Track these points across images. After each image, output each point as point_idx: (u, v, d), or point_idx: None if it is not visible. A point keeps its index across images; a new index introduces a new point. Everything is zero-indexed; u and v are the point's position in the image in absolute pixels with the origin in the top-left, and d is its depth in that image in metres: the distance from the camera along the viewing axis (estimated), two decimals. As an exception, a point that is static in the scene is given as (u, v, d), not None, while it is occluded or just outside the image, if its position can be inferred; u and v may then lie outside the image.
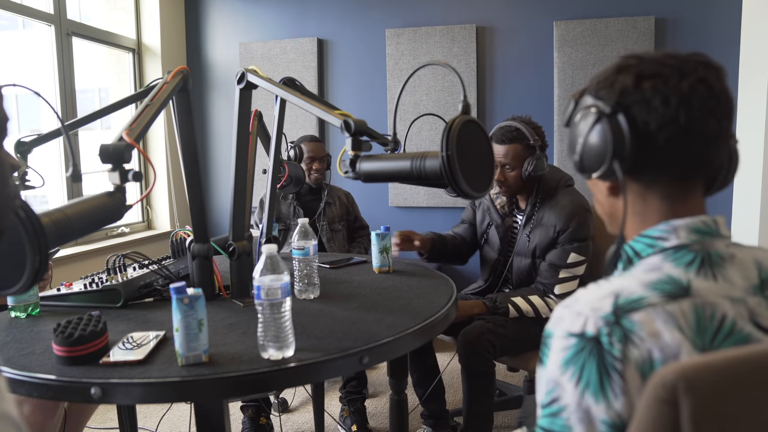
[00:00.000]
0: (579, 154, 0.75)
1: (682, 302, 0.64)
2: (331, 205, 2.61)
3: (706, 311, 0.64)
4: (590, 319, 0.64)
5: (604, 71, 0.74)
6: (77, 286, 1.45)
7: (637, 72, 0.70)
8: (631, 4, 3.26)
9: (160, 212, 3.75)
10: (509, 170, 1.93)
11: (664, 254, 0.70)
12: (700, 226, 0.71)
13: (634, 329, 0.62)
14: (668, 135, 0.68)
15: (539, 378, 0.69)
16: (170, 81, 1.34)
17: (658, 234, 0.71)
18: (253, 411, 2.25)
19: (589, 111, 0.72)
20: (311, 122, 3.70)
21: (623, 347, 0.61)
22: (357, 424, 2.30)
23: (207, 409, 1.02)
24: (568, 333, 0.65)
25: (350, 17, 3.66)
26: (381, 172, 1.12)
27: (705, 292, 0.65)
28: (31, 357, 1.06)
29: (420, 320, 1.22)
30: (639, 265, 0.71)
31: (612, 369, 0.61)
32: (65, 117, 2.96)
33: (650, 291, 0.65)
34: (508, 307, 1.88)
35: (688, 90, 0.67)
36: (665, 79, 0.68)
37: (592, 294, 0.67)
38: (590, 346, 0.63)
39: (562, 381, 0.64)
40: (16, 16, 2.78)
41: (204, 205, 1.46)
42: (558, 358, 0.65)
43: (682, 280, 0.66)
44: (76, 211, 0.96)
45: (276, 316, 0.99)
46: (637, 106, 0.69)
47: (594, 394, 0.61)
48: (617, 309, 0.64)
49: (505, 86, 3.48)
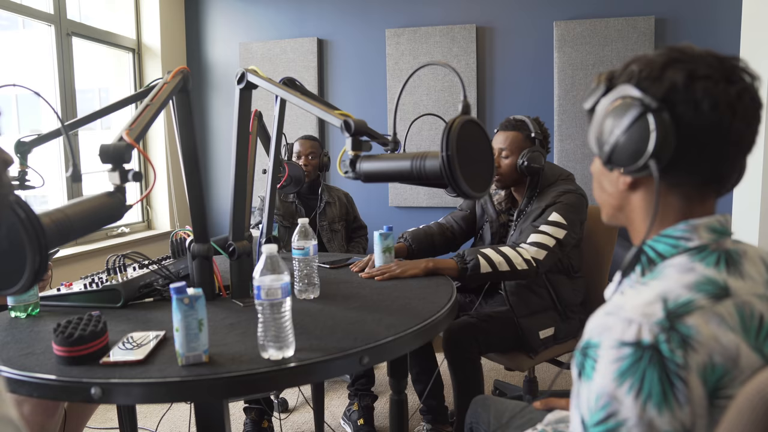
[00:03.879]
0: (611, 145, 0.70)
1: (725, 303, 0.63)
2: (331, 205, 2.62)
3: (746, 310, 0.63)
4: (644, 326, 0.61)
5: (647, 61, 0.70)
6: (77, 286, 1.45)
7: (689, 70, 0.67)
8: (631, 4, 3.26)
9: (160, 212, 3.75)
10: (505, 157, 1.93)
11: (689, 254, 0.69)
12: (716, 225, 0.71)
13: (691, 334, 0.60)
14: (709, 140, 0.67)
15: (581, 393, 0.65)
16: (170, 81, 1.34)
17: (680, 234, 0.70)
18: (256, 414, 2.25)
19: (632, 102, 0.68)
20: (311, 122, 3.70)
21: (684, 353, 0.59)
22: (364, 419, 2.31)
23: (207, 409, 1.02)
24: (621, 342, 0.61)
25: (350, 17, 3.66)
26: (381, 172, 1.12)
27: (741, 291, 0.65)
28: (31, 357, 1.06)
29: (420, 320, 1.22)
30: (668, 267, 0.69)
31: (675, 377, 0.58)
32: (65, 117, 2.96)
33: (696, 293, 0.63)
34: (477, 259, 1.70)
35: (736, 98, 0.66)
36: (715, 81, 0.66)
37: (636, 300, 0.64)
38: (648, 354, 0.59)
39: (619, 394, 0.60)
40: (16, 16, 2.78)
41: (204, 205, 1.46)
42: (611, 370, 0.60)
43: (719, 281, 0.65)
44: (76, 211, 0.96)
45: (276, 316, 0.99)
46: (684, 106, 0.66)
47: (657, 406, 0.58)
48: (669, 314, 0.61)
49: (505, 86, 3.49)
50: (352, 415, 2.36)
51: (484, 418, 1.31)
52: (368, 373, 2.42)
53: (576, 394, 0.66)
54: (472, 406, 1.38)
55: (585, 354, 0.64)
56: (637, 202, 0.75)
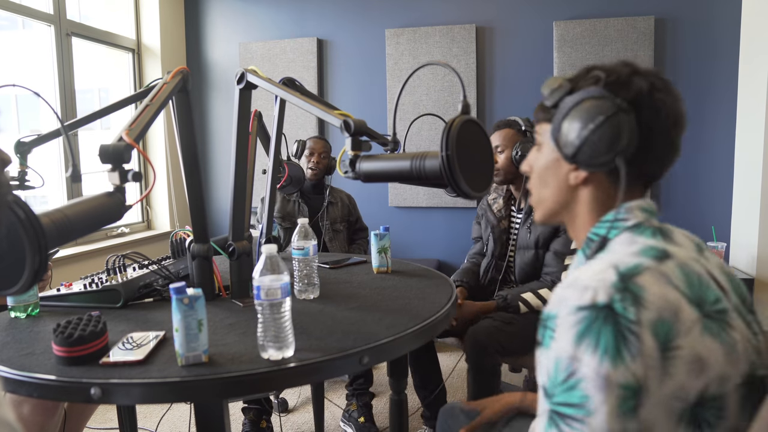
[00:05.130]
0: (581, 141, 0.75)
1: (668, 262, 0.70)
2: (334, 205, 2.64)
3: (686, 268, 0.71)
4: (600, 289, 0.66)
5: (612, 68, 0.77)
6: (77, 286, 1.44)
7: (651, 81, 0.75)
8: (631, 4, 3.26)
9: (160, 212, 3.76)
10: (500, 152, 2.04)
11: (629, 231, 0.77)
12: (646, 206, 0.79)
13: (642, 293, 0.65)
14: (660, 143, 0.76)
15: (540, 362, 0.70)
16: (170, 81, 1.34)
17: (620, 216, 0.78)
18: (254, 414, 2.25)
19: (603, 103, 0.74)
20: (311, 122, 3.70)
21: (636, 310, 0.64)
22: (365, 417, 2.32)
23: (207, 409, 1.02)
24: (578, 308, 0.66)
25: (350, 17, 3.66)
26: (381, 172, 1.12)
27: (678, 254, 0.72)
28: (31, 357, 1.06)
29: (420, 320, 1.22)
30: (614, 244, 0.77)
31: (628, 332, 0.63)
32: (65, 117, 2.96)
33: (641, 257, 0.70)
34: (518, 305, 1.90)
35: (679, 110, 0.77)
36: (665, 94, 0.76)
37: (590, 270, 0.70)
38: (604, 313, 0.65)
39: (578, 354, 0.65)
40: (16, 16, 2.78)
41: (204, 205, 1.46)
42: (570, 334, 0.66)
43: (659, 247, 0.73)
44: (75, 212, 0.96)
45: (276, 316, 0.99)
46: (647, 111, 0.74)
47: (612, 359, 0.63)
48: (622, 276, 0.67)
49: (505, 86, 3.49)
50: (352, 414, 2.37)
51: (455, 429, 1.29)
52: (366, 373, 2.42)
53: (539, 362, 0.72)
54: (441, 417, 1.35)
55: (545, 326, 0.70)
56: (584, 197, 0.82)
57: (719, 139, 3.25)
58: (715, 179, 3.28)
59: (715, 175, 3.28)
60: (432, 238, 3.67)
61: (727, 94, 3.21)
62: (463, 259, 3.53)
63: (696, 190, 3.32)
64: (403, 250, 3.64)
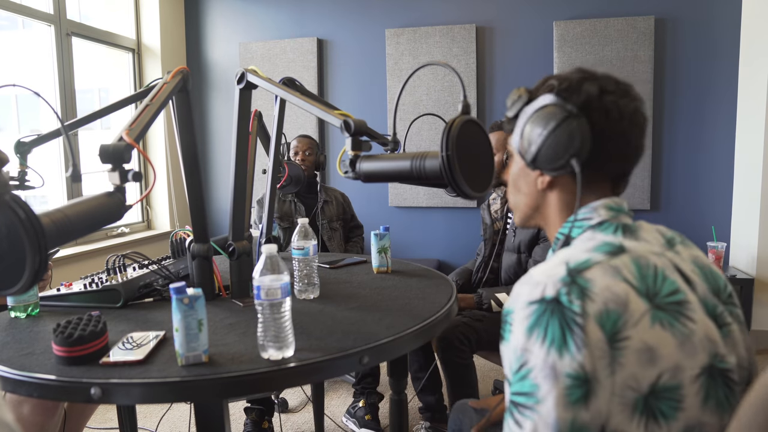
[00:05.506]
0: (537, 147, 0.80)
1: (622, 257, 0.73)
2: (329, 204, 2.66)
3: (642, 262, 0.73)
4: (548, 284, 0.69)
5: (564, 77, 0.81)
6: (77, 286, 1.44)
7: (601, 85, 0.79)
8: (631, 4, 3.26)
9: (160, 212, 3.76)
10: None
11: (592, 229, 0.80)
12: (612, 204, 0.82)
13: (588, 285, 0.68)
14: (616, 144, 0.79)
15: (503, 355, 0.74)
16: (170, 81, 1.33)
17: (583, 216, 0.82)
18: (256, 414, 2.25)
19: (555, 110, 0.78)
20: (311, 122, 3.70)
21: (582, 303, 0.67)
22: (371, 415, 2.33)
23: (207, 409, 1.02)
24: (528, 302, 0.70)
25: (350, 17, 3.66)
26: (381, 172, 1.12)
27: (636, 249, 0.75)
28: (31, 357, 1.06)
29: (420, 320, 1.22)
30: (575, 242, 0.80)
31: (573, 323, 0.66)
32: (65, 117, 2.96)
33: (593, 253, 0.73)
34: (490, 303, 1.96)
35: (633, 111, 0.79)
36: (618, 96, 0.79)
37: (542, 267, 0.74)
38: (551, 306, 0.68)
39: (529, 345, 0.68)
40: (16, 16, 2.78)
41: (204, 205, 1.46)
42: (522, 327, 0.69)
43: (615, 242, 0.76)
44: (76, 211, 0.96)
45: (276, 316, 0.99)
46: (598, 114, 0.78)
47: (558, 349, 0.66)
48: (571, 271, 0.70)
49: (505, 86, 3.48)
50: (358, 411, 2.37)
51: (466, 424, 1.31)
52: (374, 371, 2.44)
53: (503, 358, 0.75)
54: (453, 413, 1.38)
55: (505, 321, 0.74)
56: (552, 200, 0.86)
57: (719, 139, 3.25)
58: (715, 179, 3.28)
59: (715, 175, 3.28)
60: (432, 238, 3.67)
61: (727, 94, 3.21)
62: (463, 259, 3.54)
63: (696, 190, 3.32)
64: (403, 250, 3.64)
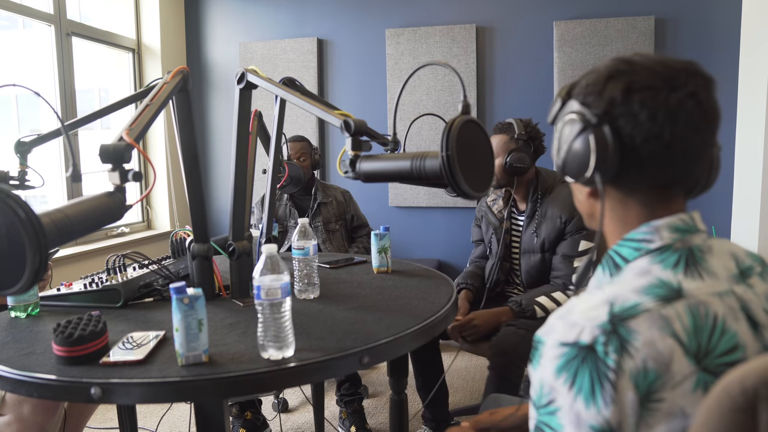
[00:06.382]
0: (562, 159, 0.75)
1: (676, 304, 0.64)
2: (327, 205, 2.56)
3: (700, 311, 0.64)
4: (586, 328, 0.63)
5: (595, 74, 0.73)
6: (77, 286, 1.44)
7: (628, 83, 0.69)
8: (631, 4, 3.26)
9: (160, 212, 3.76)
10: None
11: (651, 256, 0.70)
12: (679, 224, 0.71)
13: (630, 338, 0.61)
14: (652, 149, 0.68)
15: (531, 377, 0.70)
16: (170, 81, 1.33)
17: (641, 237, 0.72)
18: (237, 408, 2.26)
19: (575, 119, 0.72)
20: (311, 122, 3.71)
21: (618, 358, 0.61)
22: (355, 425, 2.30)
23: (207, 409, 1.02)
24: (560, 343, 0.65)
25: (350, 17, 3.66)
26: (381, 172, 1.12)
27: (696, 292, 0.66)
28: (31, 357, 1.06)
29: (420, 320, 1.22)
30: (627, 270, 0.71)
31: (605, 378, 0.61)
32: (65, 117, 2.96)
33: (644, 296, 0.65)
34: (534, 309, 1.89)
35: (677, 105, 0.67)
36: (654, 92, 0.67)
37: (585, 304, 0.67)
38: (583, 354, 0.62)
39: (556, 385, 0.64)
40: (16, 16, 2.78)
41: (204, 205, 1.46)
42: (551, 365, 0.65)
43: (672, 283, 0.66)
44: (76, 211, 0.96)
45: (276, 316, 0.99)
46: (624, 119, 0.69)
47: (585, 400, 0.62)
48: (613, 317, 0.63)
49: (505, 86, 3.49)
50: (344, 422, 2.35)
51: None
52: (351, 376, 2.38)
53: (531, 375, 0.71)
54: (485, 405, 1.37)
55: (535, 347, 0.70)
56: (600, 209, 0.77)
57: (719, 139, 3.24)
58: (715, 179, 3.28)
59: (715, 175, 3.28)
60: (432, 238, 3.67)
61: (727, 94, 3.21)
62: (463, 259, 3.54)
63: (696, 190, 3.32)
64: (403, 250, 3.64)
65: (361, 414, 2.34)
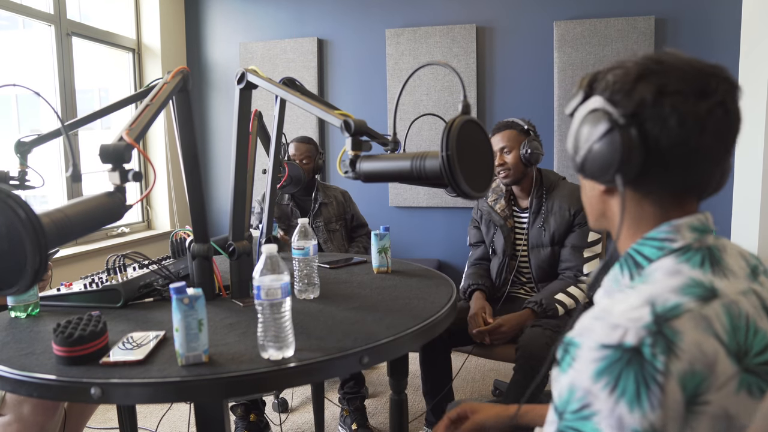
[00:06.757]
0: (582, 157, 0.72)
1: (713, 304, 0.63)
2: (327, 205, 2.58)
3: (734, 310, 0.64)
4: (630, 329, 0.61)
5: (623, 71, 0.70)
6: (77, 286, 1.44)
7: (659, 85, 0.67)
8: (631, 4, 3.27)
9: (160, 212, 3.76)
10: (507, 152, 2.03)
11: (675, 255, 0.69)
12: (697, 224, 0.72)
13: (676, 339, 0.60)
14: (677, 155, 0.67)
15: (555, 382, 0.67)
16: (170, 81, 1.33)
17: (664, 236, 0.71)
18: (242, 410, 2.26)
19: (601, 117, 0.69)
20: (311, 122, 3.71)
21: (666, 359, 0.59)
22: (357, 423, 2.30)
23: (207, 409, 1.02)
24: (601, 345, 0.62)
25: (350, 17, 3.66)
26: (381, 172, 1.12)
27: (727, 291, 0.65)
28: (31, 357, 1.06)
29: (420, 320, 1.22)
30: (656, 270, 0.70)
31: (652, 381, 0.59)
32: (65, 117, 2.96)
33: (683, 296, 0.64)
34: (556, 308, 1.90)
35: (706, 113, 0.66)
36: (685, 96, 0.66)
37: (623, 304, 0.65)
38: (628, 356, 0.60)
39: (594, 389, 0.61)
40: (16, 16, 2.78)
41: (204, 205, 1.46)
42: (589, 369, 0.62)
43: (705, 282, 0.65)
44: (76, 211, 0.96)
45: (276, 316, 0.99)
46: (652, 122, 0.67)
47: (629, 404, 0.59)
48: (657, 318, 0.61)
49: (505, 86, 3.49)
50: (346, 420, 2.36)
51: None
52: (356, 375, 2.40)
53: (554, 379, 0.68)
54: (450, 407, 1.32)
55: (566, 350, 0.66)
56: (615, 208, 0.76)
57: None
58: (715, 179, 3.28)
59: (715, 175, 3.28)
60: (432, 238, 3.67)
61: (727, 94, 3.21)
62: (463, 259, 3.54)
63: (696, 190, 3.32)
64: (403, 250, 3.64)
65: (362, 412, 2.35)
